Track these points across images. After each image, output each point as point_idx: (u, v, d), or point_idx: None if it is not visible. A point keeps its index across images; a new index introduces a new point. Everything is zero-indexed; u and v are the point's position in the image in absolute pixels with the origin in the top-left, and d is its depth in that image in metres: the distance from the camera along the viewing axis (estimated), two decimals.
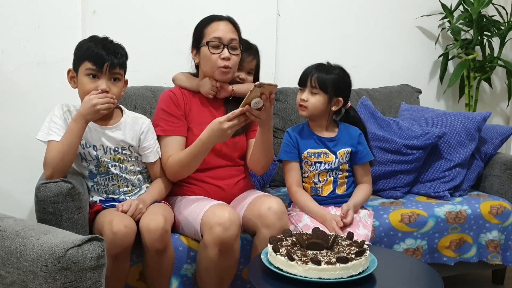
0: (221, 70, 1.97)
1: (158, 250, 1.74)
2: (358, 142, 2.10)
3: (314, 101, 2.03)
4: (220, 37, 1.96)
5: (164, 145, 1.98)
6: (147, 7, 2.52)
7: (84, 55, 1.82)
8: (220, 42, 1.96)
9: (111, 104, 1.79)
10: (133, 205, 1.80)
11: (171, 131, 1.99)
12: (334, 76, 2.04)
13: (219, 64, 1.96)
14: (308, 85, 2.03)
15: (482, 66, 3.14)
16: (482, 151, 2.57)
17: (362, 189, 2.10)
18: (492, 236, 2.32)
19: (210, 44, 1.96)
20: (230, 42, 1.97)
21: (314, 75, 2.02)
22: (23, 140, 2.26)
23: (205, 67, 2.01)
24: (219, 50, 1.97)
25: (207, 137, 1.82)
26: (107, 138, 1.89)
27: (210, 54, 1.97)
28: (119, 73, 1.85)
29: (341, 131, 2.11)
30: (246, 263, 1.92)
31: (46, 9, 2.31)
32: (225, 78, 2.00)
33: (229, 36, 1.97)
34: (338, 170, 2.08)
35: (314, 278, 1.41)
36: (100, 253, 1.23)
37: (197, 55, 2.04)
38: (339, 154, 2.07)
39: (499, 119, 3.47)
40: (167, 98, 2.02)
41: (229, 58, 1.97)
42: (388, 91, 2.91)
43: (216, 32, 1.97)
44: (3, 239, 1.26)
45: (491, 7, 3.14)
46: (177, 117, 2.00)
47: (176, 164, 1.93)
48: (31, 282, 1.20)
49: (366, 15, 3.01)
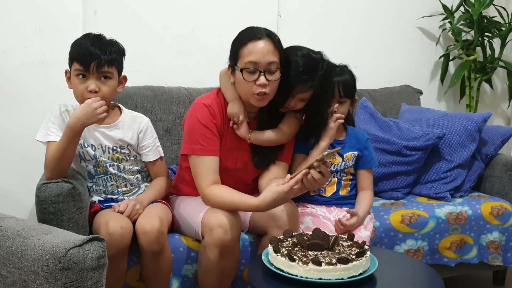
0: (256, 98, 1.79)
1: (155, 252, 1.74)
2: (364, 147, 2.09)
3: (343, 110, 2.00)
4: (256, 61, 1.76)
5: (203, 166, 1.82)
6: (148, 7, 2.52)
7: (73, 54, 1.81)
8: (256, 68, 1.76)
9: (105, 106, 1.76)
10: (130, 206, 1.80)
11: (211, 151, 1.83)
12: (349, 78, 2.01)
13: (255, 91, 1.78)
14: (336, 96, 1.97)
15: (483, 67, 3.14)
16: (482, 152, 2.56)
17: (365, 198, 2.07)
18: (493, 237, 2.32)
19: (244, 71, 1.77)
20: (267, 67, 1.77)
21: (340, 84, 1.96)
22: (24, 140, 2.26)
23: (240, 91, 1.84)
24: (255, 76, 1.77)
25: (264, 206, 1.72)
26: (105, 137, 1.88)
27: (244, 81, 1.78)
28: (108, 71, 1.81)
29: (349, 135, 2.10)
30: (247, 263, 1.92)
31: (47, 9, 2.31)
32: (261, 104, 1.83)
33: (267, 60, 1.76)
34: (343, 172, 2.08)
35: (314, 279, 1.42)
36: (101, 253, 1.23)
37: (232, 73, 1.85)
38: (346, 157, 2.07)
39: (500, 120, 3.46)
40: (205, 111, 1.84)
41: (266, 84, 1.78)
42: (389, 92, 2.91)
43: (252, 55, 1.76)
44: (4, 239, 1.26)
45: (492, 8, 3.13)
46: (216, 135, 1.85)
47: (216, 199, 1.78)
48: (32, 282, 1.20)
49: (367, 16, 3.01)
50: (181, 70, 2.59)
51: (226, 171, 1.90)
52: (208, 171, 1.81)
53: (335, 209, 2.06)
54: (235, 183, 1.88)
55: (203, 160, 1.82)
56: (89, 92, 1.78)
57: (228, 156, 1.90)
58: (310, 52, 1.87)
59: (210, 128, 1.83)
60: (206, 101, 1.86)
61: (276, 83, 1.81)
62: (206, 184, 1.80)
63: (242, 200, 1.77)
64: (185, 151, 1.86)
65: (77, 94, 1.81)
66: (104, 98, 1.79)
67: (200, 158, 1.82)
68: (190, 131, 1.85)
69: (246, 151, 1.93)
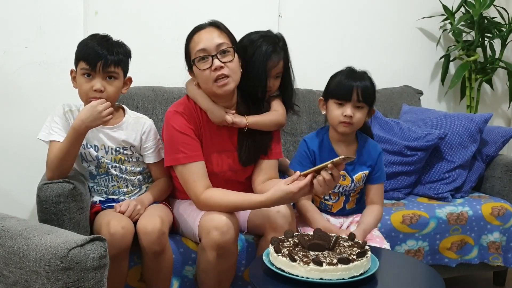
0: (217, 85, 1.76)
1: (156, 252, 1.74)
2: (376, 163, 1.98)
3: (360, 116, 1.87)
4: (204, 48, 1.75)
5: (191, 174, 1.78)
6: (149, 8, 2.53)
7: (80, 54, 1.81)
8: (206, 53, 1.76)
9: (111, 109, 1.76)
10: (131, 206, 1.80)
11: (195, 157, 1.80)
12: (369, 84, 1.88)
13: (213, 77, 1.75)
14: (354, 99, 1.84)
15: (483, 68, 3.14)
16: (483, 152, 2.57)
17: (372, 212, 1.96)
18: (494, 237, 2.32)
19: (196, 60, 1.77)
20: (217, 49, 1.75)
21: (359, 88, 1.84)
22: (25, 140, 2.26)
23: (204, 86, 1.81)
24: (208, 63, 1.76)
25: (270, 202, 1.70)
26: (108, 137, 1.89)
27: (201, 71, 1.77)
28: (114, 71, 1.81)
29: (360, 150, 1.97)
30: (247, 264, 1.92)
31: (48, 10, 2.32)
32: (226, 89, 1.78)
33: (215, 43, 1.75)
34: (352, 191, 2.00)
35: (315, 279, 1.41)
36: (102, 253, 1.23)
37: (192, 74, 1.85)
38: (355, 178, 1.96)
39: (501, 120, 3.47)
40: (179, 119, 1.81)
41: (221, 66, 1.75)
42: (390, 93, 2.91)
43: (199, 44, 1.76)
44: (6, 239, 1.26)
45: (493, 8, 3.14)
46: (195, 140, 1.82)
47: (213, 204, 1.76)
48: (34, 282, 1.20)
49: (368, 16, 3.01)
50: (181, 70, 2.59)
51: (214, 175, 1.87)
52: (198, 177, 1.79)
53: (339, 217, 2.03)
54: (225, 184, 1.85)
55: (189, 167, 1.79)
56: (94, 91, 1.78)
57: (212, 159, 1.88)
58: (263, 32, 1.94)
59: (188, 134, 1.81)
60: (178, 109, 1.84)
61: (235, 64, 1.79)
62: (200, 190, 1.78)
63: (244, 198, 1.76)
64: (169, 163, 1.83)
65: (82, 93, 1.81)
66: (109, 98, 1.79)
67: (186, 166, 1.79)
68: (169, 141, 1.82)
69: (229, 151, 1.91)
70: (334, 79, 1.93)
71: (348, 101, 1.86)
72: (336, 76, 1.93)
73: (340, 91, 1.87)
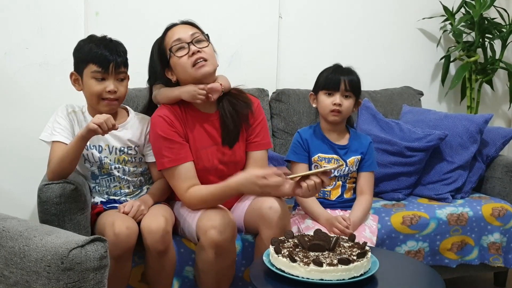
0: (196, 67, 1.82)
1: (160, 251, 1.74)
2: (367, 151, 2.11)
3: (348, 104, 2.04)
4: (179, 38, 1.84)
5: (176, 176, 1.84)
6: (149, 9, 2.53)
7: (87, 57, 1.82)
8: (182, 42, 1.83)
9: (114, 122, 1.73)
10: (135, 206, 1.80)
11: (180, 160, 1.84)
12: (355, 78, 2.06)
13: (192, 61, 1.82)
14: (342, 89, 2.02)
15: (483, 69, 3.15)
16: (483, 153, 2.57)
17: (361, 204, 2.05)
18: (494, 238, 2.32)
19: (173, 49, 1.83)
20: (192, 37, 1.84)
21: (346, 79, 2.02)
22: (26, 141, 2.27)
23: (183, 75, 1.85)
24: (185, 51, 1.83)
25: (235, 185, 1.76)
26: (114, 137, 1.89)
27: (178, 59, 1.83)
28: (124, 71, 1.87)
29: (351, 140, 2.12)
30: (248, 264, 1.92)
31: (49, 10, 2.32)
32: (206, 71, 1.83)
33: (189, 33, 1.85)
34: (347, 176, 2.09)
35: (316, 280, 1.42)
36: (103, 253, 1.23)
37: (171, 72, 1.89)
38: (349, 162, 2.08)
39: (501, 121, 3.47)
40: (162, 123, 1.84)
41: (198, 50, 1.82)
42: (390, 93, 2.91)
43: (174, 36, 1.85)
44: (7, 239, 1.26)
45: (493, 9, 3.14)
46: (180, 142, 1.86)
47: (197, 200, 1.83)
48: (34, 282, 1.20)
49: (368, 17, 3.01)
50: None
51: (206, 171, 1.91)
52: (182, 179, 1.84)
53: (339, 211, 2.06)
54: (219, 180, 1.87)
55: (174, 170, 1.84)
56: (108, 92, 1.81)
57: (201, 156, 1.90)
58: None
59: (171, 137, 1.84)
60: (161, 112, 1.87)
61: (210, 50, 1.87)
62: (183, 190, 1.84)
63: (220, 186, 1.80)
64: (158, 167, 1.90)
65: (93, 95, 1.82)
66: (120, 98, 1.86)
67: (171, 169, 1.85)
68: (155, 147, 1.88)
69: (216, 144, 1.93)
70: (323, 74, 2.09)
71: (336, 91, 2.03)
72: (324, 72, 2.10)
73: (329, 83, 2.05)
